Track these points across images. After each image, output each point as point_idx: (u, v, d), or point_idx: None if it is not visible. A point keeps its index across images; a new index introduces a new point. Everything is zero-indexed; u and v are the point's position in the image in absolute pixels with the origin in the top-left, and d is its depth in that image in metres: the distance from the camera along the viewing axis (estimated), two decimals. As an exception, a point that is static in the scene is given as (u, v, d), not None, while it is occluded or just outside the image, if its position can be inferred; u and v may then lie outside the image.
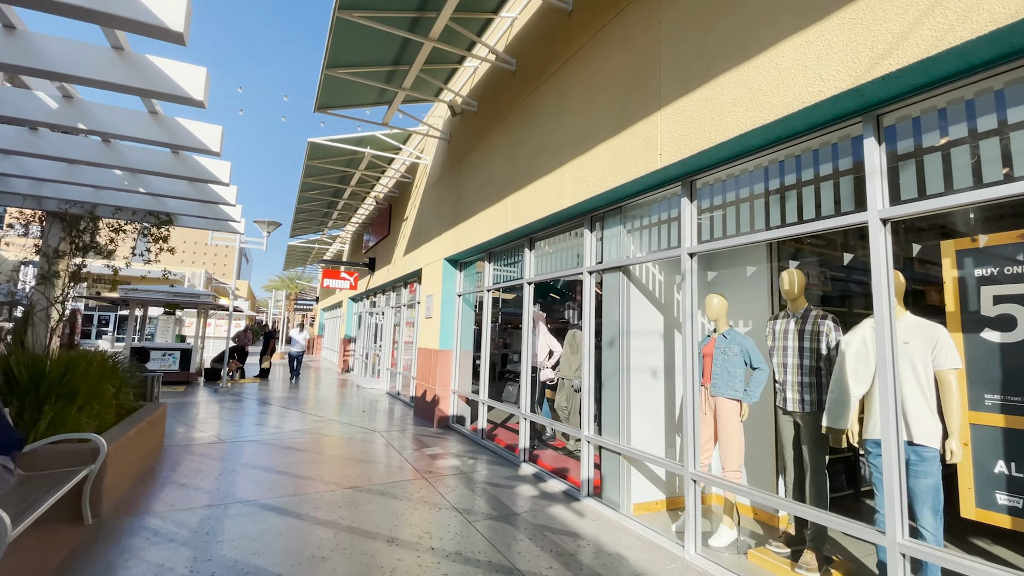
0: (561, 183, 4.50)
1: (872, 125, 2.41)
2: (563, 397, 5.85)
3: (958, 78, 2.11)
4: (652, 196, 3.83)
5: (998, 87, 2.05)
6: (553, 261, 5.20)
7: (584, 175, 4.16)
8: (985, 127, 2.09)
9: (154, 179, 4.86)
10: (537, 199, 4.92)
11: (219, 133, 4.63)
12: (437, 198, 8.08)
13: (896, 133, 2.38)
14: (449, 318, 7.50)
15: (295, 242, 17.48)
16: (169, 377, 11.20)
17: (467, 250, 6.79)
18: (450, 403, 7.38)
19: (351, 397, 10.47)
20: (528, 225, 5.18)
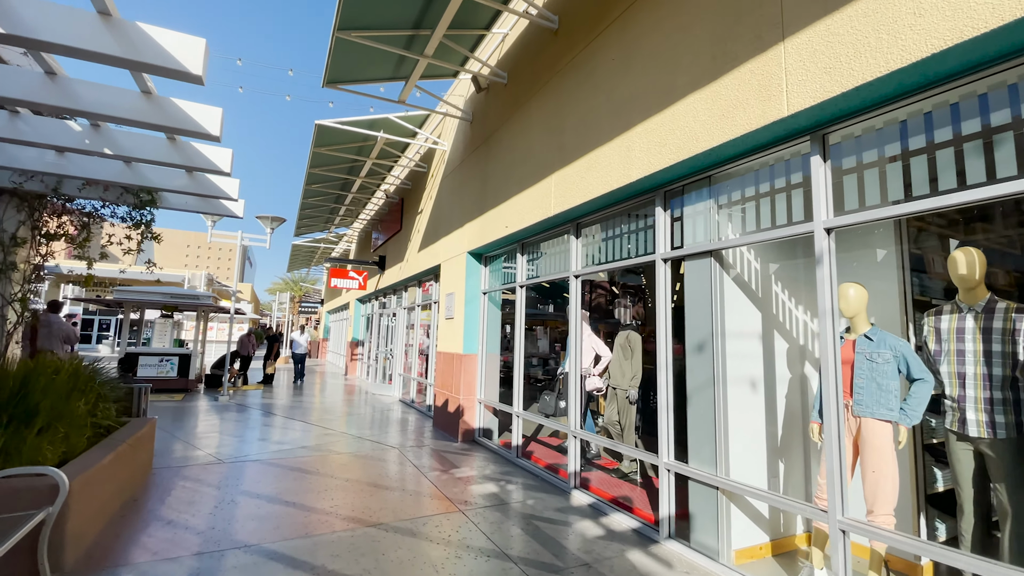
0: (627, 152, 3.70)
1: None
2: (613, 410, 5.04)
3: None
4: (761, 157, 3.02)
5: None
6: (608, 249, 4.39)
7: (661, 137, 3.36)
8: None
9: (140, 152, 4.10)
10: (592, 175, 4.12)
11: (219, 115, 3.90)
12: (458, 186, 7.30)
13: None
14: (473, 319, 6.70)
15: (300, 241, 16.73)
16: (166, 385, 10.43)
17: (495, 242, 6.00)
18: (476, 414, 6.58)
19: (361, 405, 9.68)
20: (578, 207, 4.38)
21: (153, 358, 10.37)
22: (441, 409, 7.19)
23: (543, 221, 4.91)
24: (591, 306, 7.01)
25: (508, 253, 6.25)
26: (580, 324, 4.73)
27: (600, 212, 4.41)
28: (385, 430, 7.24)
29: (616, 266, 4.25)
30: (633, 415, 4.91)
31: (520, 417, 5.59)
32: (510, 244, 6.03)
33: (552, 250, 5.24)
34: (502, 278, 6.47)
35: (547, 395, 5.88)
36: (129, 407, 4.96)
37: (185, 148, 3.90)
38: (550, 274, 5.23)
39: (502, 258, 6.51)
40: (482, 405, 6.57)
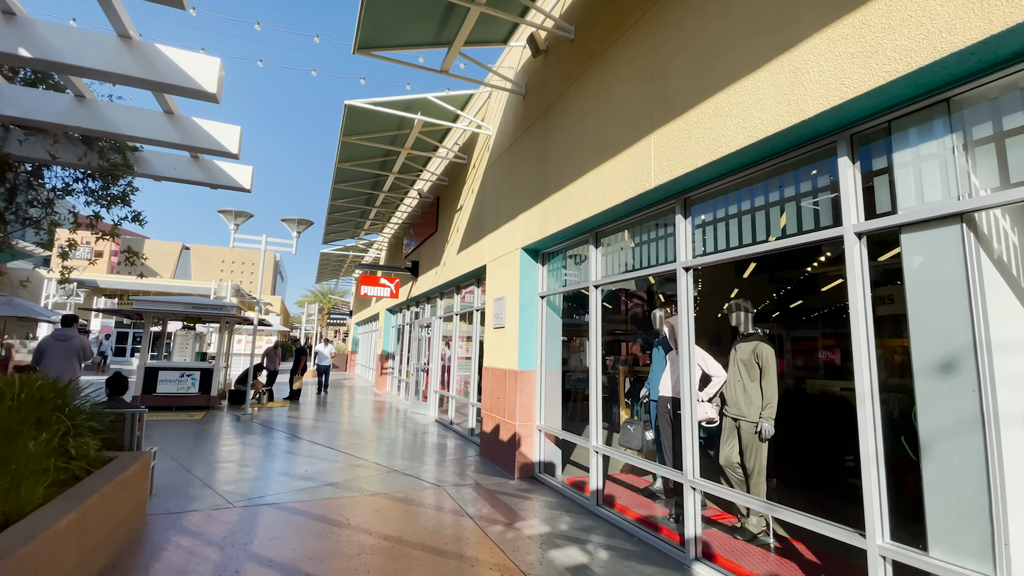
0: (795, 77, 2.54)
1: None
2: (734, 448, 3.79)
3: None
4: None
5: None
6: (739, 229, 3.21)
7: (866, 43, 2.20)
8: None
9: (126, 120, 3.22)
10: (724, 123, 2.97)
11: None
12: (507, 173, 6.24)
13: None
14: (529, 328, 5.58)
15: (328, 249, 16.07)
16: (187, 402, 9.68)
17: (559, 233, 4.89)
18: (535, 445, 5.42)
19: (394, 426, 8.64)
20: (693, 173, 3.24)
21: (173, 373, 9.65)
22: (490, 436, 6.05)
23: (635, 199, 3.77)
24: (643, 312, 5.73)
25: (575, 247, 5.12)
26: (690, 332, 3.53)
27: (731, 176, 3.25)
28: (424, 460, 6.14)
29: (758, 251, 3.06)
30: (764, 456, 3.66)
31: (599, 454, 4.39)
32: (579, 234, 4.90)
33: (645, 236, 4.08)
34: (565, 278, 5.34)
35: (630, 425, 4.68)
36: (119, 439, 4.02)
37: (184, 123, 3.07)
38: (643, 268, 4.06)
39: (563, 254, 5.39)
40: (542, 434, 5.41)
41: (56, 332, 6.42)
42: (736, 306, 3.94)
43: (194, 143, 3.03)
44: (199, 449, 6.34)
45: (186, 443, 6.68)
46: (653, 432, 4.67)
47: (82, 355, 6.38)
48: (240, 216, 9.31)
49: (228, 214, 9.19)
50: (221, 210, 9.14)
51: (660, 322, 4.76)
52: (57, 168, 3.42)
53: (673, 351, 4.37)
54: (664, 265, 3.75)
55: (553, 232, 4.93)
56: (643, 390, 4.97)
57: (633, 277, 4.11)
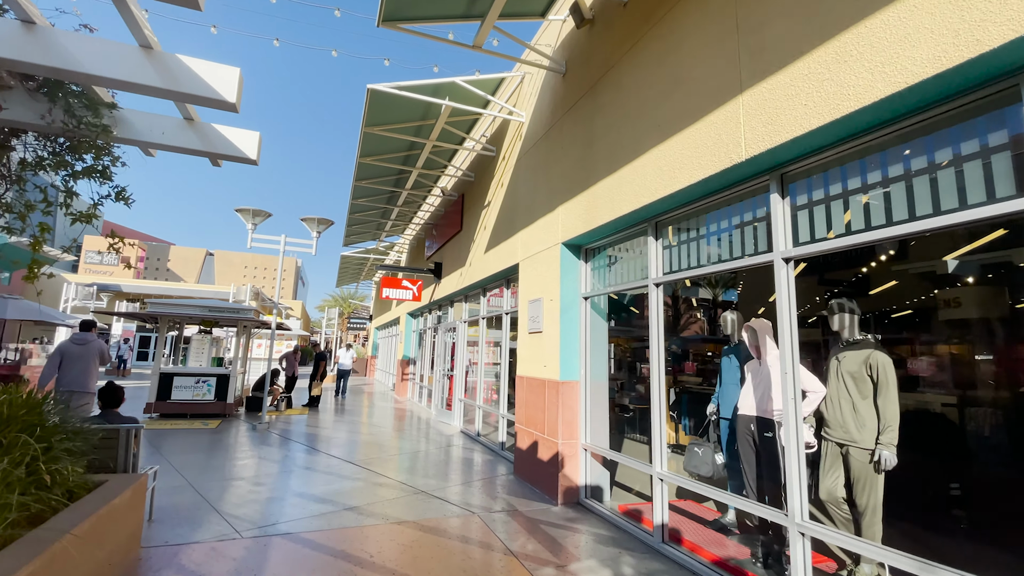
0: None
1: None
2: (837, 480, 3.10)
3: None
4: None
5: None
6: (877, 204, 2.54)
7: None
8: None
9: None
10: (849, 71, 2.32)
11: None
12: (544, 161, 5.64)
13: None
14: (572, 333, 4.95)
15: (348, 252, 15.71)
16: (203, 409, 9.29)
17: (608, 224, 4.27)
18: (580, 466, 4.77)
19: (417, 438, 8.08)
20: (800, 139, 2.59)
21: (189, 379, 9.27)
22: (525, 454, 5.42)
23: (714, 177, 3.13)
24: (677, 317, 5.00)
25: (628, 239, 4.48)
26: (794, 338, 2.85)
27: (850, 143, 2.58)
28: (452, 478, 5.54)
29: (898, 234, 2.39)
30: (880, 490, 2.95)
31: (664, 482, 3.72)
32: (634, 225, 4.26)
33: (724, 224, 3.42)
34: (614, 276, 4.69)
35: (697, 447, 4.00)
36: (111, 459, 3.52)
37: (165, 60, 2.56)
38: (724, 261, 3.39)
39: (611, 249, 4.76)
40: (588, 453, 4.76)
41: (74, 336, 6.24)
42: (839, 307, 3.24)
43: (180, 87, 2.60)
44: (210, 463, 5.86)
45: (197, 455, 6.21)
46: (725, 455, 3.99)
47: (100, 359, 6.15)
48: (258, 216, 8.91)
49: (245, 213, 8.81)
50: (239, 209, 8.76)
51: (733, 326, 4.09)
52: (27, 136, 2.92)
53: (755, 361, 3.69)
54: (754, 257, 3.09)
55: (602, 223, 4.30)
56: (710, 406, 4.29)
57: (710, 273, 3.45)
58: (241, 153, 3.16)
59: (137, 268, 79.76)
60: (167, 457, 6.06)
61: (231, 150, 3.16)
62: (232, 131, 3.14)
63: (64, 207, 2.74)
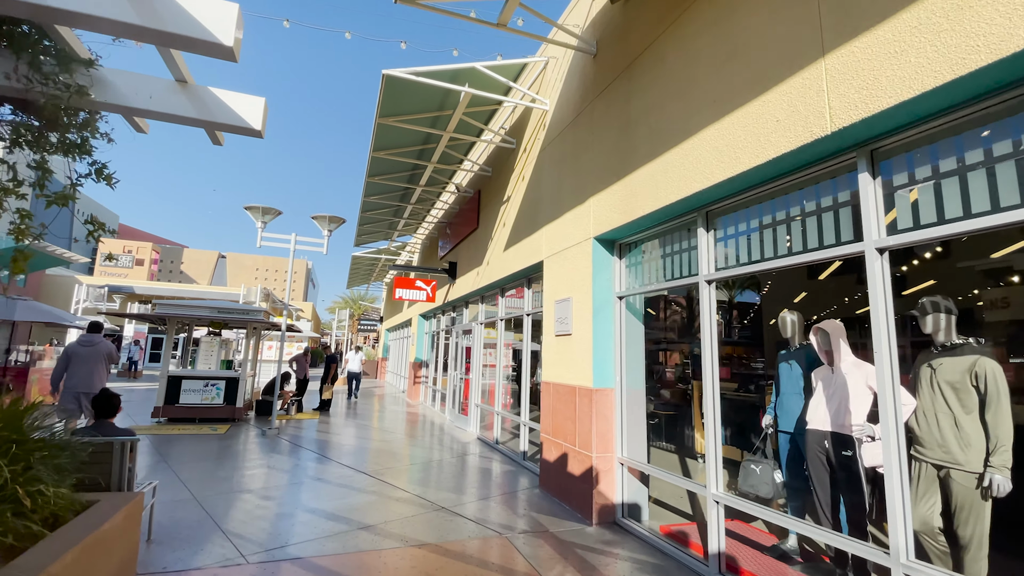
0: None
1: None
2: (929, 507, 2.64)
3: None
4: None
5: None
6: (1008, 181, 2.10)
7: None
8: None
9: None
10: (977, 17, 1.89)
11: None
12: (572, 150, 5.24)
13: None
14: (605, 335, 4.53)
15: (360, 252, 15.42)
16: (211, 413, 9.00)
17: (650, 215, 3.85)
18: (616, 481, 4.34)
19: (433, 445, 7.70)
20: (905, 105, 2.16)
21: (197, 382, 9.00)
22: (553, 467, 5.01)
23: (784, 157, 2.70)
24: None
25: (671, 232, 4.06)
26: (892, 341, 2.41)
27: (968, 108, 2.15)
28: (474, 492, 5.14)
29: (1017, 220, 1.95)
30: (987, 521, 2.50)
31: (720, 504, 3.28)
32: (680, 215, 3.83)
33: (795, 210, 2.98)
34: (654, 273, 4.27)
35: (754, 464, 3.56)
36: (104, 474, 3.17)
37: None
38: (797, 253, 2.95)
39: (646, 244, 4.34)
40: (625, 468, 4.33)
41: (82, 338, 6.22)
42: (933, 305, 2.79)
43: (164, 26, 2.15)
44: (216, 473, 5.52)
45: (204, 464, 5.89)
46: (784, 473, 3.55)
47: (108, 361, 6.11)
48: (268, 214, 8.62)
49: (255, 211, 8.52)
50: (248, 207, 8.47)
51: (793, 329, 3.65)
52: None
53: (825, 368, 3.24)
54: (836, 248, 2.65)
55: (641, 215, 3.88)
56: (766, 417, 3.85)
57: (779, 267, 3.00)
58: (244, 123, 2.74)
59: (151, 270, 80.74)
60: (173, 466, 5.74)
61: (232, 119, 2.72)
62: (233, 96, 2.74)
63: (38, 187, 2.38)
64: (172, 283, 40.61)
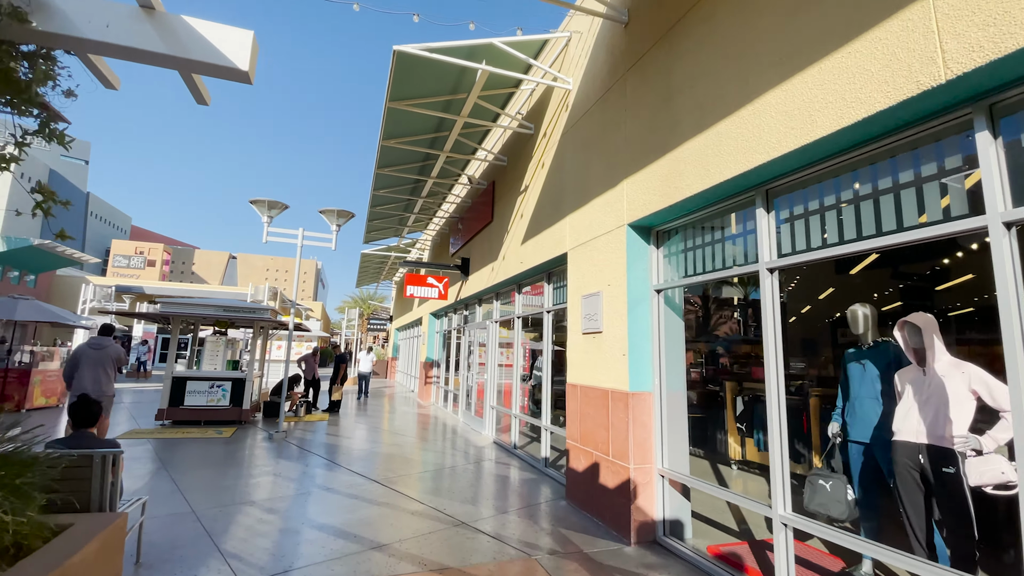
0: None
1: None
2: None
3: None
4: None
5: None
6: None
7: None
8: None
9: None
10: None
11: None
12: (601, 130, 4.79)
13: None
14: (642, 333, 4.08)
15: (369, 249, 15.08)
16: (217, 416, 8.68)
17: (699, 195, 3.40)
18: (656, 496, 3.90)
19: (447, 450, 7.29)
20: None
21: (203, 383, 8.68)
22: (583, 478, 4.57)
23: (882, 114, 2.24)
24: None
25: (720, 215, 3.60)
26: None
27: None
28: (494, 504, 4.72)
29: None
30: None
31: (788, 527, 2.82)
32: (735, 195, 3.38)
33: (886, 181, 2.51)
34: (698, 262, 3.81)
35: (823, 480, 3.10)
36: (83, 492, 2.79)
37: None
38: (889, 233, 2.49)
39: (687, 231, 3.88)
40: (666, 481, 3.88)
41: (91, 340, 6.16)
42: None
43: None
44: (219, 482, 5.16)
45: (206, 472, 5.53)
46: (857, 490, 3.08)
47: (117, 364, 6.11)
48: (274, 208, 8.27)
49: (261, 205, 8.17)
50: (253, 200, 8.13)
51: (866, 324, 3.17)
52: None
53: (914, 369, 2.77)
54: (947, 224, 2.19)
55: (687, 196, 3.43)
56: (832, 425, 3.38)
57: (864, 250, 2.53)
58: (227, 61, 2.25)
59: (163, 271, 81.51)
60: (173, 474, 5.39)
61: (211, 56, 2.18)
62: (212, 27, 2.24)
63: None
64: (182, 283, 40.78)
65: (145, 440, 7.16)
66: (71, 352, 6.23)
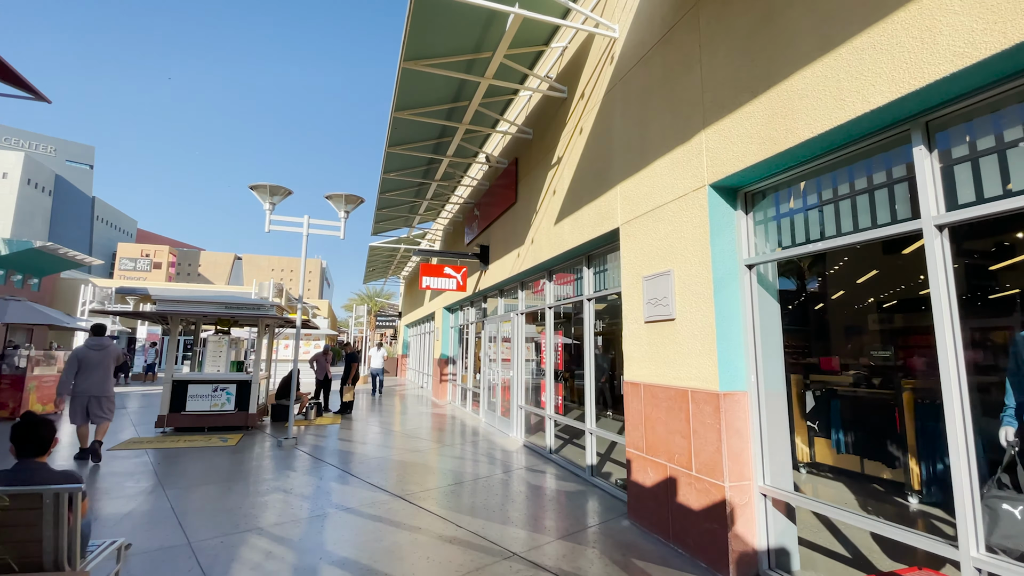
0: None
1: None
2: None
3: None
4: None
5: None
6: None
7: None
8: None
9: None
10: None
11: None
12: (661, 79, 3.99)
13: None
14: (731, 319, 3.31)
15: (378, 242, 14.36)
16: (222, 421, 8.01)
17: (823, 136, 2.62)
18: (757, 520, 3.13)
19: (475, 457, 6.57)
20: None
21: (205, 387, 8.01)
22: (652, 495, 3.81)
23: None
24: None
25: (846, 164, 2.80)
26: None
27: None
28: (544, 525, 3.98)
29: None
30: None
31: (984, 574, 2.05)
32: (876, 134, 2.57)
33: None
34: (810, 226, 3.02)
35: (1008, 504, 2.31)
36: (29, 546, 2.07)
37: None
38: None
39: (785, 192, 3.09)
40: (768, 501, 3.12)
41: (90, 342, 6.00)
42: None
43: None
44: (221, 502, 4.46)
45: (207, 490, 4.83)
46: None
47: (117, 363, 6.23)
48: (276, 194, 7.54)
49: (262, 191, 7.44)
50: (253, 186, 7.40)
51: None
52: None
53: None
54: None
55: (808, 137, 2.64)
56: (1005, 430, 2.59)
57: None
58: None
59: (169, 273, 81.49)
60: (170, 492, 4.70)
61: None
62: None
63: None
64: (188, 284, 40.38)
65: (143, 451, 6.50)
66: (70, 354, 5.98)
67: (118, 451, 6.46)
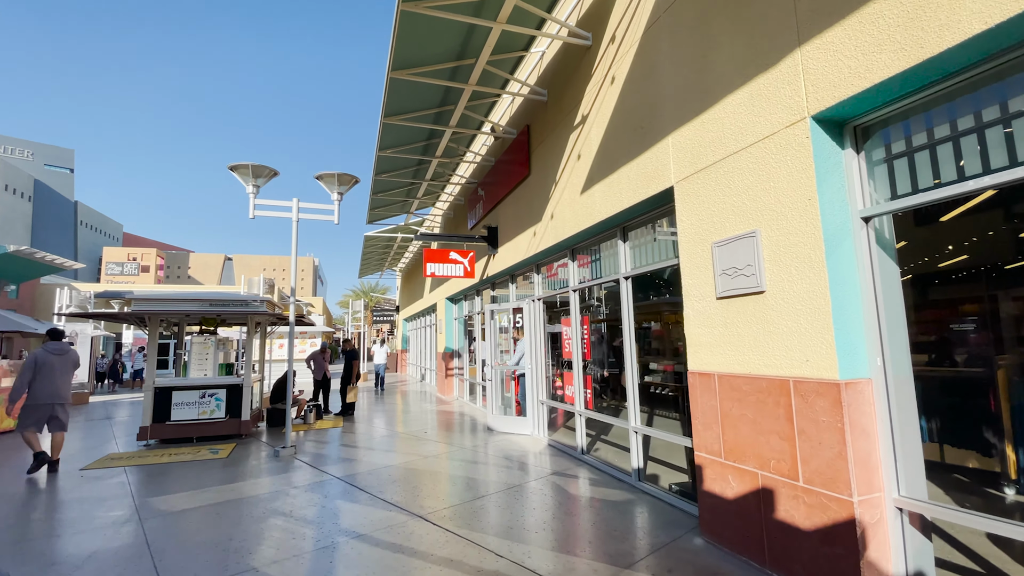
0: None
1: None
2: None
3: None
4: None
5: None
6: None
7: None
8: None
9: None
10: None
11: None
12: None
13: None
14: (847, 288, 2.58)
15: (373, 231, 13.54)
16: (212, 430, 7.25)
17: (995, 30, 1.85)
18: (890, 540, 2.44)
19: (497, 462, 5.86)
20: None
21: (191, 393, 7.23)
22: (737, 508, 3.12)
23: None
24: None
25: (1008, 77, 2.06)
26: None
27: None
28: (601, 550, 3.27)
29: None
30: None
31: None
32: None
33: None
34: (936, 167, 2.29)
35: None
36: None
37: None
38: None
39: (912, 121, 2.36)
40: (905, 515, 2.43)
41: (50, 346, 5.67)
42: None
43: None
44: (208, 533, 3.72)
45: (191, 520, 4.08)
46: None
47: (75, 368, 5.95)
48: (260, 175, 6.70)
49: (243, 172, 6.61)
50: (233, 166, 6.56)
51: None
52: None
53: None
54: None
55: (972, 36, 1.90)
56: None
57: None
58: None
59: (158, 276, 79.85)
60: (147, 524, 3.95)
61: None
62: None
63: None
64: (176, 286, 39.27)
65: (121, 470, 5.73)
66: (27, 358, 5.56)
67: (92, 470, 5.69)
